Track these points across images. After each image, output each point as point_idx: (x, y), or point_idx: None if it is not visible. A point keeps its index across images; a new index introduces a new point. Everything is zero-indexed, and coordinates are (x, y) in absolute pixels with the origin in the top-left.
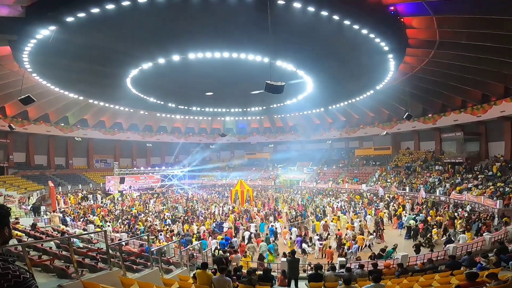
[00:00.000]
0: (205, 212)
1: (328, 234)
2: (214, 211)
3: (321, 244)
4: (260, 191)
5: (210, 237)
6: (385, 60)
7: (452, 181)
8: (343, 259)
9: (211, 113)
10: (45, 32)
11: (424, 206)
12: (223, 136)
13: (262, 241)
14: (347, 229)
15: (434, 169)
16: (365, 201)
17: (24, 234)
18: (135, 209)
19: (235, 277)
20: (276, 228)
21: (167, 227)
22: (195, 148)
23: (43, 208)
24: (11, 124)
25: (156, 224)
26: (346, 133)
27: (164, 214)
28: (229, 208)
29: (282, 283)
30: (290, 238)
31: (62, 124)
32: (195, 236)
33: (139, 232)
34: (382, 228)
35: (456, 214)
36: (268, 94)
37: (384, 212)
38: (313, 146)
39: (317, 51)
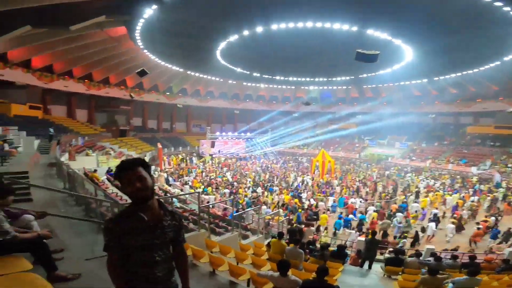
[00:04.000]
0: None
1: (444, 213)
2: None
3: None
4: (342, 164)
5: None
6: None
7: None
8: (433, 246)
9: (294, 82)
10: (149, 11)
11: None
12: (307, 105)
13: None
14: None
15: None
16: (459, 181)
17: None
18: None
19: (307, 250)
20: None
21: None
22: (279, 115)
23: (152, 167)
24: (131, 94)
25: (260, 195)
26: (457, 107)
27: (247, 181)
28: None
29: (354, 262)
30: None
31: (168, 93)
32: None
33: (244, 203)
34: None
35: None
36: (356, 63)
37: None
38: (410, 119)
39: (422, 20)
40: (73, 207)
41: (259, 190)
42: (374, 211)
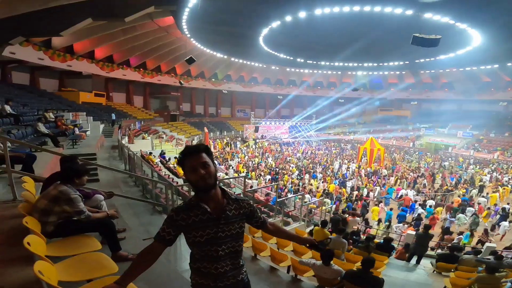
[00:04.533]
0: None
1: None
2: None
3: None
4: (390, 152)
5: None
6: None
7: None
8: (494, 244)
9: (340, 68)
10: (193, 0)
11: None
12: (354, 91)
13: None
14: None
15: None
16: None
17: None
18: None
19: (351, 241)
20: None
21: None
22: (324, 101)
23: None
24: (181, 81)
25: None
26: None
27: (290, 165)
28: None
29: (400, 256)
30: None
31: (213, 80)
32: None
33: (286, 190)
34: None
35: None
36: (410, 47)
37: None
38: (476, 106)
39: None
40: (132, 187)
41: (306, 177)
42: (430, 206)
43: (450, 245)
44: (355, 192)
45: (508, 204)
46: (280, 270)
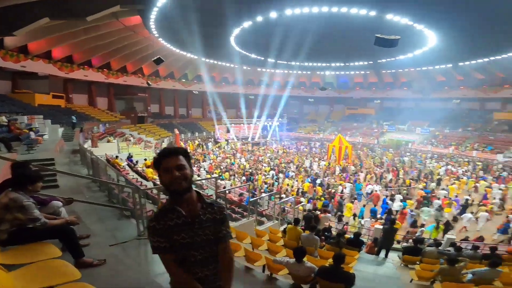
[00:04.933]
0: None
1: (473, 201)
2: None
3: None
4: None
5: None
6: None
7: None
8: (453, 236)
9: (310, 67)
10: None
11: None
12: (322, 90)
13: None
14: None
15: None
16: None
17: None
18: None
19: (323, 237)
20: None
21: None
22: (294, 101)
23: None
24: (148, 81)
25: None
26: (484, 92)
27: (262, 165)
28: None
29: (370, 251)
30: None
31: (184, 80)
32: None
33: (262, 190)
34: None
35: None
36: (374, 48)
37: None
38: (433, 104)
39: (448, 5)
40: (97, 193)
41: (281, 176)
42: (401, 200)
43: (414, 238)
44: (329, 190)
45: (469, 195)
46: (256, 269)
